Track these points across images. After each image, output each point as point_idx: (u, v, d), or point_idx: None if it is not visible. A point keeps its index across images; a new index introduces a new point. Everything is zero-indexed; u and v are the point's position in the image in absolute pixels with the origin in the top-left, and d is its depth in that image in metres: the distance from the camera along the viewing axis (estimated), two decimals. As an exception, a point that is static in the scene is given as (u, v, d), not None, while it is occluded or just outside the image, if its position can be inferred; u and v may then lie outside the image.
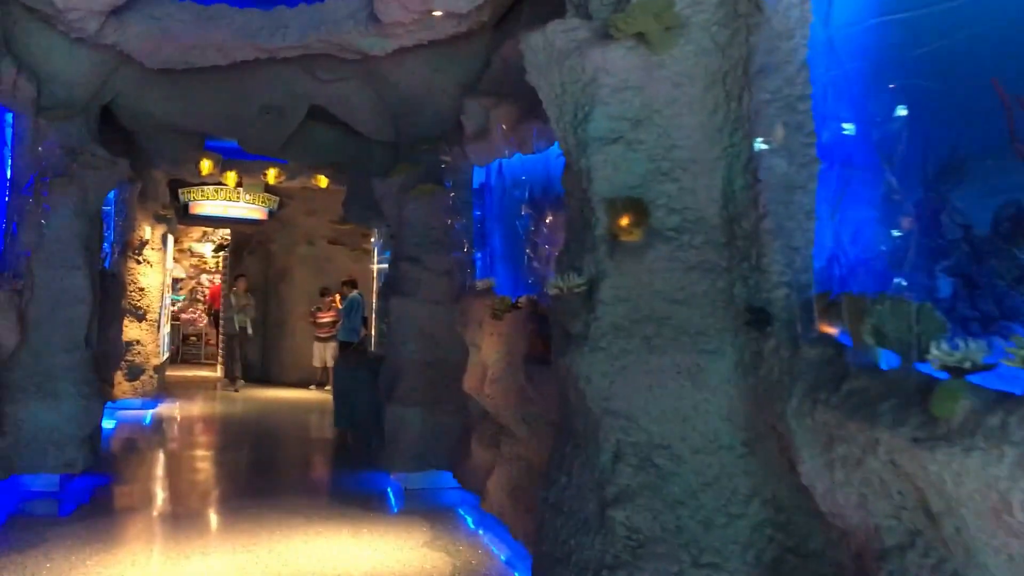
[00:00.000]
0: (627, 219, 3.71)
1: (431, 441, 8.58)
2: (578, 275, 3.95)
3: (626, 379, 3.78)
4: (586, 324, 3.89)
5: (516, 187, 7.65)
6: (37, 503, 7.60)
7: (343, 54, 8.09)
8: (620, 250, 3.81)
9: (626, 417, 3.80)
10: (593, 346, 3.83)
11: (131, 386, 12.92)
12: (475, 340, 7.44)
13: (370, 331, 13.63)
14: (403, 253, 9.01)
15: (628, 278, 3.81)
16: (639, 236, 3.73)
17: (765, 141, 3.37)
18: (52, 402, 7.74)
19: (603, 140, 3.84)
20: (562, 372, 4.09)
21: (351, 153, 11.54)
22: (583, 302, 3.95)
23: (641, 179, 3.82)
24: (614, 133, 3.84)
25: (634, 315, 3.81)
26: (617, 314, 3.82)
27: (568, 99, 4.01)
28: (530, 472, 6.56)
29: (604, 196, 3.85)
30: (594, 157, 3.86)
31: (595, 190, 3.88)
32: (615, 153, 3.83)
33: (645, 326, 3.78)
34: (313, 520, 7.48)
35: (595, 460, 3.90)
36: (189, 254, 22.69)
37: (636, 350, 3.78)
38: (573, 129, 3.99)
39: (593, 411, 3.87)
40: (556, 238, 6.02)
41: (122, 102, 9.39)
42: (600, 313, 3.84)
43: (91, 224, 8.34)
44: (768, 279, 3.45)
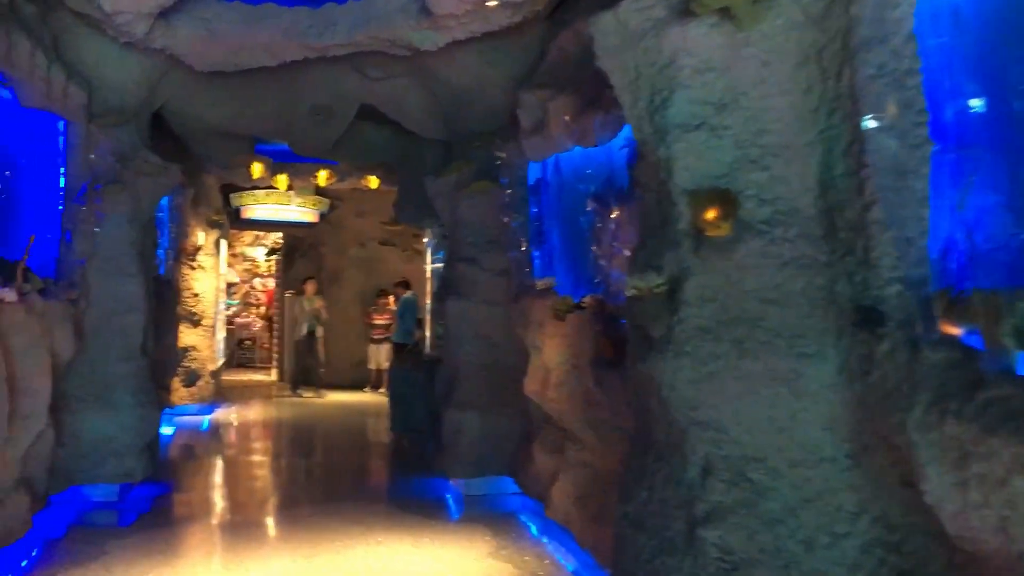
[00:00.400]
0: (713, 212, 3.40)
1: (490, 446, 8.34)
2: (658, 274, 3.65)
3: (715, 387, 3.47)
4: (668, 327, 3.59)
5: (576, 182, 7.35)
6: (97, 513, 7.52)
7: (393, 50, 7.86)
8: (706, 246, 3.50)
9: (716, 428, 3.49)
10: (677, 351, 3.53)
11: (188, 392, 12.90)
12: (536, 342, 7.17)
13: (424, 333, 13.45)
14: (458, 253, 8.76)
15: (715, 276, 3.50)
16: (727, 230, 3.42)
17: (875, 118, 3.02)
18: (110, 412, 7.64)
19: (684, 127, 3.53)
20: (642, 379, 3.80)
21: (402, 152, 11.37)
22: (664, 303, 3.65)
23: (727, 168, 3.51)
24: (696, 119, 3.53)
25: (722, 316, 3.50)
26: (703, 316, 3.51)
27: (644, 84, 3.71)
28: (597, 480, 6.31)
29: (686, 188, 3.55)
30: (675, 146, 3.55)
31: (676, 181, 3.57)
32: (698, 140, 3.52)
33: (735, 328, 3.47)
34: (373, 529, 7.27)
35: (681, 474, 3.60)
36: (242, 259, 22.80)
37: (725, 355, 3.47)
38: (650, 116, 3.68)
39: (678, 421, 3.57)
40: (622, 234, 5.71)
41: (172, 107, 9.30)
42: (684, 315, 3.54)
43: (144, 231, 8.24)
44: (878, 274, 3.11)
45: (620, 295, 6.02)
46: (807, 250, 3.44)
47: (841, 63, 3.31)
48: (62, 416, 7.32)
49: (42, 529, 6.76)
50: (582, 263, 7.35)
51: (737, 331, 3.47)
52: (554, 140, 7.11)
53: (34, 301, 6.10)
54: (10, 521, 5.83)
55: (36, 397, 6.00)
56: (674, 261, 3.62)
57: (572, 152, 7.35)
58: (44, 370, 6.13)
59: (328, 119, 10.03)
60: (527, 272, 8.08)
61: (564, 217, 7.85)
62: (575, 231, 7.49)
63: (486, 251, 8.52)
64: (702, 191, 3.49)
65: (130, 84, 7.94)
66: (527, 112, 7.52)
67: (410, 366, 11.28)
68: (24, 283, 6.01)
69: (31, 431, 6.03)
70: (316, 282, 16.29)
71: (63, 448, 7.32)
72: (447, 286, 9.00)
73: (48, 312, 6.38)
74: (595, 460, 6.32)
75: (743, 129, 3.54)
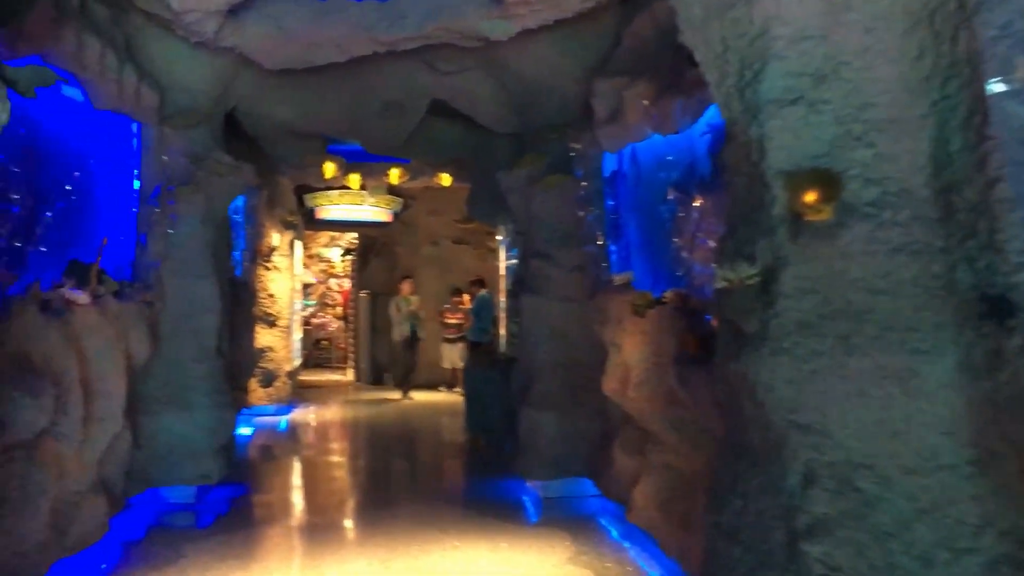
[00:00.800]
0: (813, 195, 3.08)
1: (568, 446, 8.10)
2: (750, 264, 3.34)
3: (817, 387, 3.15)
4: (763, 322, 3.28)
5: (654, 172, 7.05)
6: (175, 515, 7.52)
7: (463, 42, 7.67)
8: (805, 232, 3.18)
9: (819, 432, 3.17)
10: (774, 348, 3.22)
11: (265, 392, 12.98)
12: (614, 339, 6.89)
13: (498, 331, 13.27)
14: (532, 249, 8.53)
15: (816, 265, 3.18)
16: (829, 214, 3.10)
17: (1003, 81, 2.67)
18: (185, 413, 7.64)
19: (779, 102, 3.22)
20: (733, 378, 3.50)
21: (474, 148, 11.23)
22: (758, 295, 3.34)
23: (828, 146, 3.19)
24: (792, 93, 3.21)
25: (824, 309, 3.17)
26: (803, 309, 3.20)
27: (732, 57, 3.41)
28: (682, 483, 6.01)
29: (782, 169, 3.23)
30: (768, 123, 3.24)
31: (771, 162, 3.26)
32: (794, 117, 3.20)
33: (839, 322, 3.14)
34: (449, 532, 7.11)
35: (780, 482, 3.29)
36: (318, 259, 23.02)
37: (829, 352, 3.15)
38: (740, 92, 3.38)
39: (776, 424, 3.26)
40: (705, 224, 5.40)
41: (244, 107, 9.31)
42: (781, 308, 3.23)
43: (218, 232, 8.23)
44: (1006, 260, 2.75)
45: (704, 289, 5.73)
46: (920, 234, 3.10)
47: (956, 25, 2.96)
48: (139, 418, 7.34)
49: (121, 531, 6.79)
50: (661, 257, 7.06)
51: (842, 325, 3.15)
52: (631, 129, 6.83)
53: (108, 303, 6.09)
54: (87, 524, 5.83)
55: (111, 399, 5.99)
56: (768, 249, 3.31)
57: (649, 141, 7.07)
58: (119, 372, 6.12)
59: (399, 115, 9.94)
60: (604, 267, 7.81)
61: (642, 209, 7.56)
62: (653, 224, 7.20)
63: (561, 246, 8.26)
64: (800, 172, 3.18)
65: (202, 85, 7.94)
66: (602, 101, 7.26)
67: (485, 365, 11.10)
68: (98, 285, 6.01)
69: (106, 434, 6.02)
70: (413, 281, 16.00)
71: (140, 450, 7.34)
72: (521, 283, 8.78)
73: (123, 314, 6.37)
74: (679, 462, 6.03)
75: (845, 103, 3.21)
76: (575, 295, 8.10)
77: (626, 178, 7.88)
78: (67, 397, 5.25)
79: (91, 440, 5.85)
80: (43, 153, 5.99)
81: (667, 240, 6.78)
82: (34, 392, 4.55)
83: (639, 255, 7.65)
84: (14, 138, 4.99)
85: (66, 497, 5.64)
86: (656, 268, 7.21)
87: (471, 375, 11.23)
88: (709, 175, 5.92)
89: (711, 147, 5.96)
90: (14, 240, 4.94)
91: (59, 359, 5.13)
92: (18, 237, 5.21)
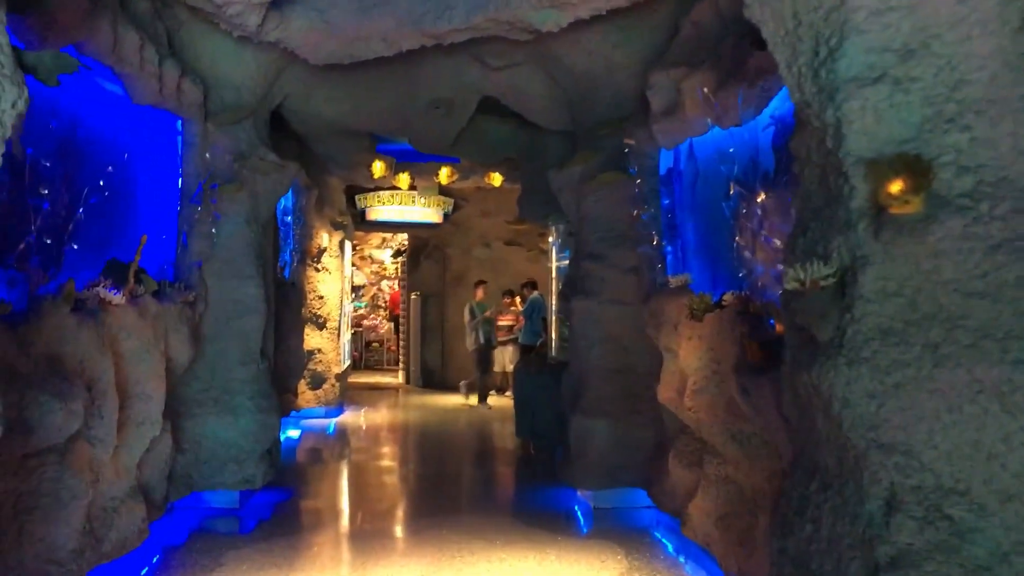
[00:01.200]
0: (899, 185, 2.73)
1: (621, 456, 7.78)
2: (825, 263, 3.00)
3: (902, 402, 2.80)
4: (840, 328, 2.94)
5: (713, 169, 6.69)
6: (218, 520, 7.42)
7: (513, 34, 7.39)
8: (889, 227, 2.82)
9: (903, 452, 2.81)
10: (852, 357, 2.88)
11: (314, 395, 12.86)
12: (670, 345, 6.56)
13: (549, 335, 12.98)
14: (585, 250, 8.22)
15: (902, 264, 2.83)
16: (918, 207, 2.75)
17: None
18: (229, 417, 7.49)
19: (859, 81, 2.87)
20: (804, 390, 3.15)
21: (524, 146, 10.97)
22: (833, 298, 2.99)
23: (916, 130, 2.84)
24: (875, 71, 2.87)
25: (911, 314, 2.82)
26: (886, 313, 2.84)
27: (805, 33, 3.07)
28: (742, 498, 5.68)
29: (863, 156, 2.88)
30: (847, 105, 2.90)
31: (849, 149, 2.91)
32: (877, 97, 2.85)
33: (928, 329, 2.79)
34: (495, 543, 6.84)
35: (858, 508, 2.94)
36: (369, 261, 22.99)
37: (916, 362, 2.79)
38: (814, 72, 3.04)
39: (854, 443, 2.91)
40: (770, 222, 5.04)
41: (291, 105, 9.17)
42: (860, 312, 2.88)
43: (264, 231, 8.08)
44: None
45: (767, 291, 5.36)
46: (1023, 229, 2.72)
47: (1068, -11, 2.60)
48: (182, 421, 7.22)
49: (163, 536, 6.70)
50: (720, 258, 6.70)
51: (931, 332, 2.79)
52: (689, 122, 6.49)
53: (147, 304, 5.94)
54: (125, 530, 5.69)
55: (149, 403, 5.84)
56: (846, 247, 2.96)
57: (707, 137, 6.73)
58: (158, 375, 5.97)
59: (448, 113, 9.72)
60: (659, 269, 7.48)
61: (699, 208, 7.20)
62: (712, 223, 6.84)
63: (614, 247, 7.94)
64: (883, 160, 2.83)
65: (247, 81, 7.79)
66: (659, 94, 6.92)
67: (536, 369, 10.81)
68: (136, 285, 5.86)
69: (145, 438, 5.87)
70: (486, 286, 15.33)
71: (183, 454, 7.22)
72: (573, 285, 8.47)
73: (163, 315, 6.23)
74: (739, 476, 5.68)
75: (936, 81, 2.85)
76: (629, 298, 7.80)
77: (683, 175, 7.53)
78: (102, 400, 5.09)
79: (128, 444, 5.72)
80: (81, 149, 5.86)
81: (727, 240, 6.42)
82: (63, 395, 4.38)
83: (696, 256, 7.30)
84: (45, 131, 4.85)
85: (103, 503, 5.51)
86: (715, 270, 6.85)
87: (521, 380, 10.95)
88: (773, 170, 5.56)
89: (775, 140, 5.60)
90: (45, 237, 4.79)
91: (93, 361, 4.97)
92: (52, 235, 5.06)
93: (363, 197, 15.74)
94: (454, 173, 13.73)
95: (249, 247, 7.63)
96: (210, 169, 7.27)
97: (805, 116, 3.22)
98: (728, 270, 6.49)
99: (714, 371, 5.70)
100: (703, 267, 7.11)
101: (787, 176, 5.12)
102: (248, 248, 7.62)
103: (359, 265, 22.13)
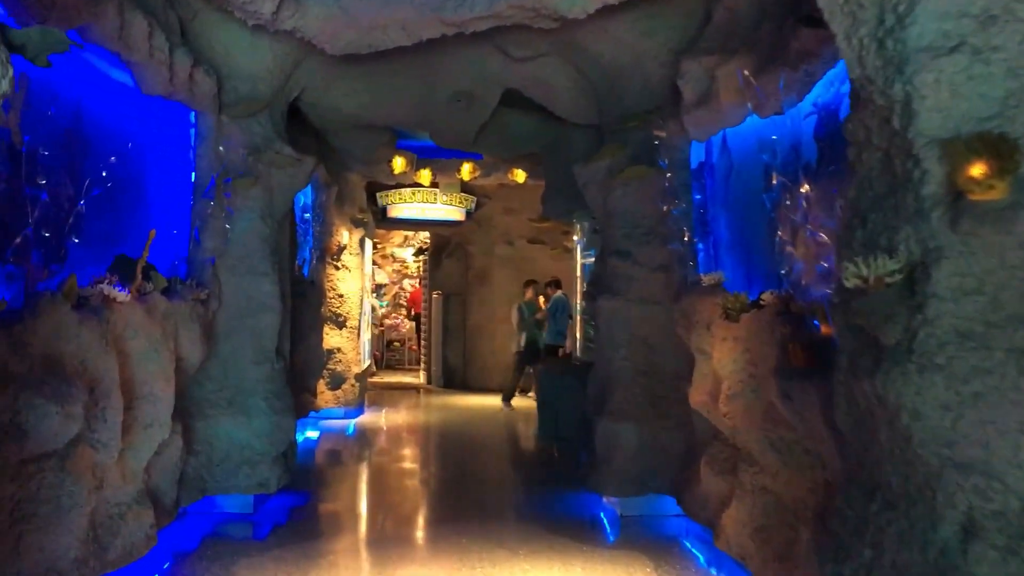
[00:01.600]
0: (981, 167, 2.40)
1: (649, 461, 7.48)
2: (890, 257, 2.66)
3: (982, 414, 2.48)
4: (908, 330, 2.60)
5: (748, 161, 6.35)
6: (231, 525, 7.19)
7: (537, 22, 7.07)
8: (969, 215, 2.49)
9: (984, 472, 2.49)
10: (924, 363, 2.55)
11: (333, 395, 12.63)
12: (702, 346, 6.23)
13: (574, 334, 12.68)
14: (611, 247, 7.89)
15: (983, 258, 2.50)
16: (1003, 192, 2.42)
17: None
18: (243, 418, 7.24)
19: (933, 51, 2.54)
20: (866, 400, 2.82)
21: (549, 141, 10.67)
22: (900, 297, 2.66)
23: (999, 105, 2.51)
24: (950, 39, 2.54)
25: (993, 315, 2.49)
26: (964, 314, 2.52)
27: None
28: (781, 510, 5.36)
29: (937, 136, 2.56)
30: (918, 78, 2.57)
31: (921, 128, 2.58)
32: (954, 69, 2.52)
33: (1014, 332, 2.46)
34: (518, 553, 6.55)
35: (929, 534, 2.61)
36: (391, 259, 22.77)
37: (1000, 370, 2.47)
38: (877, 43, 2.70)
39: (925, 460, 2.58)
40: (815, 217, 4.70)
41: (309, 98, 8.91)
42: (934, 313, 2.55)
43: (279, 227, 7.82)
44: None
45: (810, 290, 5.02)
46: (1126, 218, 2.39)
47: None
48: (194, 423, 6.98)
49: (174, 542, 6.49)
50: (755, 255, 6.36)
51: (1017, 335, 2.45)
52: (723, 112, 6.16)
53: (156, 301, 5.69)
54: (132, 537, 5.44)
55: (158, 404, 5.58)
56: (916, 239, 2.63)
57: (741, 128, 6.41)
58: (167, 375, 5.72)
59: (470, 106, 9.43)
60: (690, 266, 7.16)
61: (733, 203, 6.87)
62: (747, 218, 6.52)
63: (643, 244, 7.62)
64: (962, 139, 2.50)
65: (262, 72, 7.52)
66: (690, 83, 6.59)
67: (560, 370, 10.50)
68: (144, 282, 5.61)
69: (153, 441, 5.62)
70: (535, 287, 14.56)
71: (195, 456, 6.99)
72: (599, 284, 8.16)
73: (172, 313, 5.97)
74: (778, 487, 5.35)
75: (1021, 50, 2.52)
76: (658, 297, 7.49)
77: (715, 169, 7.20)
78: (105, 402, 4.84)
79: (135, 448, 5.47)
80: (88, 140, 5.62)
81: (763, 236, 6.09)
82: (61, 398, 4.13)
83: (729, 253, 6.97)
84: (43, 120, 4.60)
85: (107, 509, 5.27)
86: (749, 268, 6.52)
87: (544, 381, 10.67)
88: (816, 161, 5.22)
89: (817, 129, 5.26)
90: (45, 230, 4.53)
91: (96, 361, 4.72)
92: (53, 228, 4.81)
93: (384, 194, 15.51)
94: (476, 169, 13.46)
95: (264, 243, 7.38)
96: (223, 163, 7.01)
97: (866, 94, 2.88)
98: (764, 268, 6.16)
99: (751, 374, 5.38)
100: (737, 265, 6.78)
101: (833, 167, 4.80)
102: (263, 244, 7.37)
103: (381, 264, 21.91)
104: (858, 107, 3.01)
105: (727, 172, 6.96)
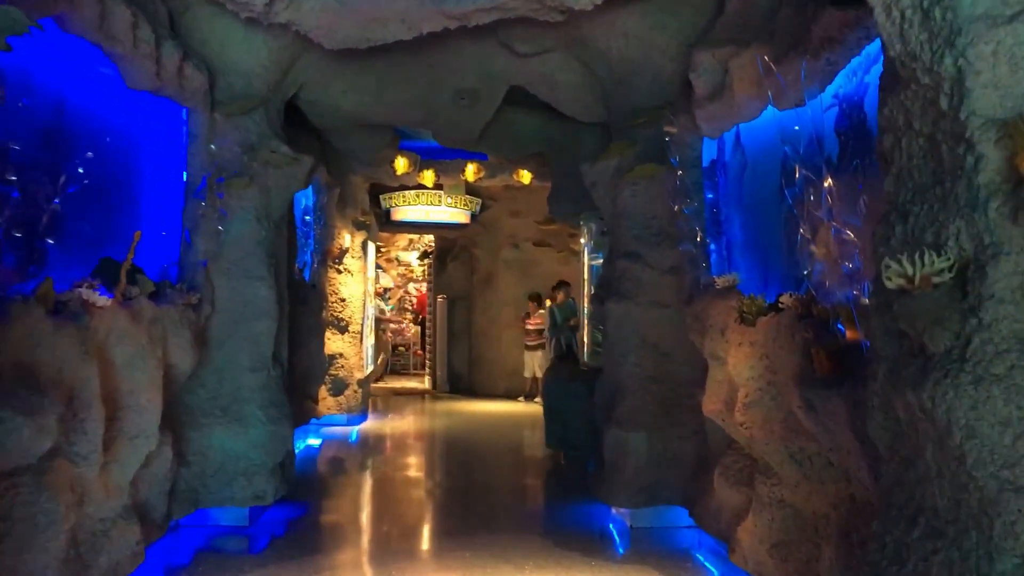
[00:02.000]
0: (1045, 151, 2.10)
1: (660, 471, 7.21)
2: (939, 254, 2.37)
3: (1048, 431, 2.17)
4: (960, 336, 2.31)
5: (764, 158, 6.06)
6: (226, 539, 6.93)
7: (543, 15, 6.79)
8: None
9: (1050, 497, 2.18)
10: (979, 374, 2.25)
11: (335, 401, 12.34)
12: (717, 352, 5.94)
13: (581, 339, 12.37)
14: (620, 248, 7.61)
15: (1048, 255, 2.19)
16: (1071, 179, 2.11)
17: None
18: (238, 427, 6.97)
19: (990, 19, 2.25)
20: (909, 413, 2.52)
21: (555, 140, 10.40)
22: (951, 298, 2.37)
23: (1066, 81, 2.20)
24: (1010, 5, 2.25)
25: (1060, 319, 2.18)
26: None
27: (913, -34, 2.44)
28: (801, 525, 5.09)
29: (994, 116, 2.27)
30: (972, 51, 2.27)
31: (975, 107, 2.29)
32: (1014, 39, 2.22)
33: (1085, 339, 2.15)
34: (525, 567, 6.28)
35: (983, 566, 2.31)
36: (396, 263, 22.49)
37: (1068, 381, 2.16)
38: (923, 14, 2.41)
39: (980, 483, 2.29)
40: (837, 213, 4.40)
41: (307, 96, 8.64)
42: (991, 317, 2.26)
43: (276, 229, 7.54)
44: None
45: (833, 292, 4.72)
46: None
47: None
48: (187, 433, 6.71)
49: (164, 557, 6.22)
50: (772, 256, 6.07)
51: (1087, 343, 2.16)
52: (738, 106, 5.87)
53: (142, 306, 5.41)
54: (118, 554, 5.18)
55: (144, 414, 5.30)
56: (968, 233, 2.34)
57: (756, 124, 6.12)
58: (154, 384, 5.43)
59: (474, 104, 9.16)
60: (703, 268, 6.84)
61: (747, 202, 6.58)
62: (762, 218, 6.23)
63: (653, 245, 7.36)
64: (1022, 121, 2.20)
65: (258, 68, 7.26)
66: (703, 76, 6.31)
67: (568, 376, 10.19)
68: (130, 286, 5.33)
69: (139, 452, 5.34)
70: (568, 289, 13.51)
71: (188, 467, 6.71)
72: (607, 287, 7.87)
73: (160, 318, 5.69)
74: (797, 500, 5.08)
75: (1091, 18, 2.23)
76: (669, 300, 7.22)
77: (728, 167, 6.90)
78: (85, 413, 4.56)
79: (120, 461, 5.18)
80: (69, 137, 5.34)
81: (780, 237, 5.79)
82: (30, 410, 3.85)
83: (744, 255, 6.68)
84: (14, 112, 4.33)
85: (91, 525, 5.00)
86: (765, 269, 6.23)
87: (551, 387, 10.35)
88: (837, 156, 4.92)
89: (839, 122, 4.96)
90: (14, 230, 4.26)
91: (73, 370, 4.44)
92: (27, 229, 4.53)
93: (388, 196, 15.24)
94: (481, 170, 13.19)
95: (259, 245, 7.10)
96: (216, 162, 6.73)
97: (908, 72, 2.59)
98: (781, 269, 5.87)
99: (769, 382, 5.09)
100: (751, 266, 6.49)
101: (857, 160, 4.50)
102: (258, 247, 7.09)
103: (386, 267, 21.65)
104: (897, 89, 2.72)
105: (741, 170, 6.67)
